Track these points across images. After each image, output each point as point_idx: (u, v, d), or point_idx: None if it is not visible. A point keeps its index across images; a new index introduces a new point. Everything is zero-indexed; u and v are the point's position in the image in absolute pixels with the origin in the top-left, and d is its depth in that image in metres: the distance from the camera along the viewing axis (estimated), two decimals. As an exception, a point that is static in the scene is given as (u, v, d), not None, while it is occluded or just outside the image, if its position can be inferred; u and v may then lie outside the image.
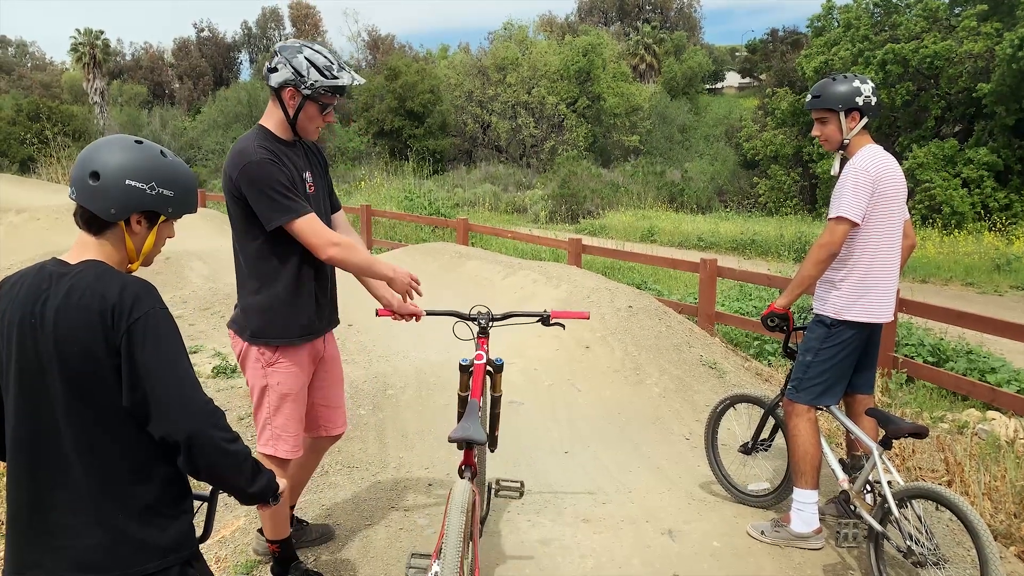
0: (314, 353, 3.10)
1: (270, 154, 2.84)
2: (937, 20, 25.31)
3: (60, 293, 1.75)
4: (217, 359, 6.27)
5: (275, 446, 3.01)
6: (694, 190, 29.79)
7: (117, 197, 1.80)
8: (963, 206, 21.63)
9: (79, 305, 1.73)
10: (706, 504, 4.14)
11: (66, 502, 1.76)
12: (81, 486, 1.76)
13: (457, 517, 2.47)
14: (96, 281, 1.76)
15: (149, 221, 1.87)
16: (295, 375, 3.00)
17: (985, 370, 6.80)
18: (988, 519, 3.89)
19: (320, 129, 3.02)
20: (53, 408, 1.75)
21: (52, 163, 29.18)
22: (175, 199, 1.88)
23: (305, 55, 2.84)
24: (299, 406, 3.05)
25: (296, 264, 2.96)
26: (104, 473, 1.76)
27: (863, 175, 3.40)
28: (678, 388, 5.91)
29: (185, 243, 8.84)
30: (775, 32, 43.70)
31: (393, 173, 28.38)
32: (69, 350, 1.73)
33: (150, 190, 1.82)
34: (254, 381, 3.00)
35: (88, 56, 43.85)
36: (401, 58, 41.06)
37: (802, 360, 3.63)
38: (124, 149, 1.83)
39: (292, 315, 2.97)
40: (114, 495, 1.77)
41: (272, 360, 2.96)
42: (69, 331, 1.72)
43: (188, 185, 1.91)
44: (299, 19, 58.87)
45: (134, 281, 1.80)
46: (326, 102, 2.92)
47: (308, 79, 2.82)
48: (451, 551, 2.39)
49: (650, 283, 11.12)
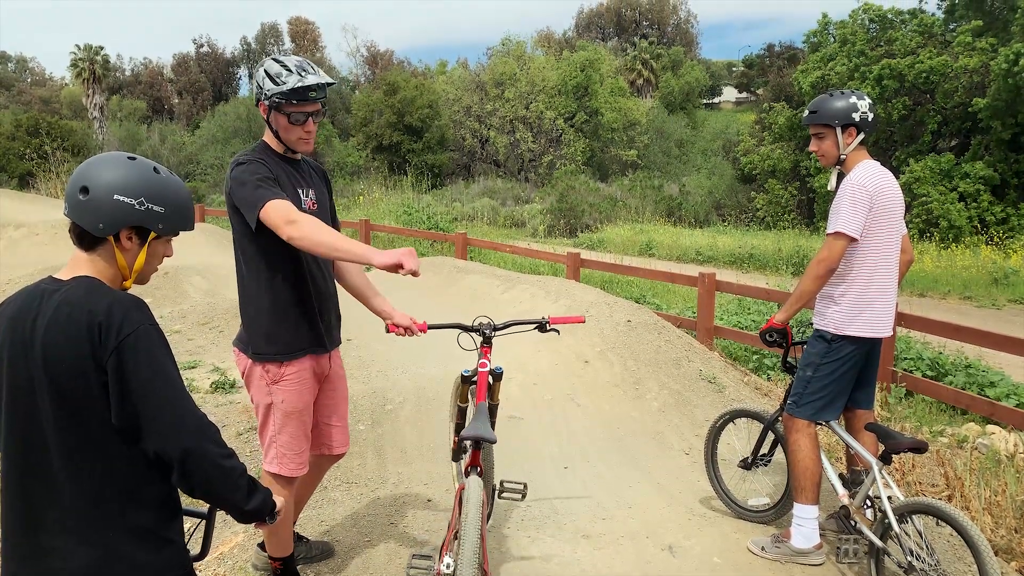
0: (319, 370, 3.08)
1: (258, 159, 2.85)
2: (932, 36, 25.49)
3: (49, 309, 1.74)
4: (216, 374, 6.26)
5: (280, 464, 2.99)
6: (692, 204, 29.87)
7: (105, 212, 1.79)
8: (960, 220, 21.68)
9: (67, 321, 1.71)
10: (706, 519, 4.13)
11: (58, 522, 1.74)
12: (71, 506, 1.74)
13: (474, 511, 2.51)
14: (85, 297, 1.75)
15: (140, 237, 1.85)
16: (300, 393, 2.99)
17: (984, 384, 6.80)
18: (989, 534, 3.88)
19: (307, 140, 2.93)
20: (43, 427, 1.74)
21: (51, 178, 29.18)
22: (165, 215, 1.85)
23: (264, 67, 2.85)
24: (304, 424, 3.03)
25: (297, 279, 2.95)
26: (94, 493, 1.74)
27: (860, 191, 3.41)
28: (677, 403, 5.91)
29: (184, 258, 8.84)
30: (771, 47, 44.06)
31: (392, 187, 28.40)
32: (57, 367, 1.71)
33: (139, 205, 1.80)
34: (259, 399, 2.99)
35: (88, 71, 44.08)
36: (400, 73, 41.27)
37: (802, 375, 3.64)
38: (115, 166, 1.83)
39: (295, 331, 2.95)
40: (104, 515, 1.75)
41: (277, 377, 2.95)
42: (57, 348, 1.71)
43: (180, 202, 1.88)
44: (298, 35, 59.18)
45: (124, 297, 1.78)
46: (290, 110, 2.83)
47: (264, 90, 2.83)
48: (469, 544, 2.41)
49: (649, 297, 11.12)
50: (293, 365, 2.96)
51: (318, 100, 2.86)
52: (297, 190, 2.94)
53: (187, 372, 6.36)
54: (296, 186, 2.95)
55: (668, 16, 61.71)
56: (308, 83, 2.79)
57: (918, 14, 26.58)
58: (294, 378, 2.96)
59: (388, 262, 2.58)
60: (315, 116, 2.90)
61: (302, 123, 2.87)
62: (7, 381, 1.77)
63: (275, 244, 2.83)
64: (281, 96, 2.80)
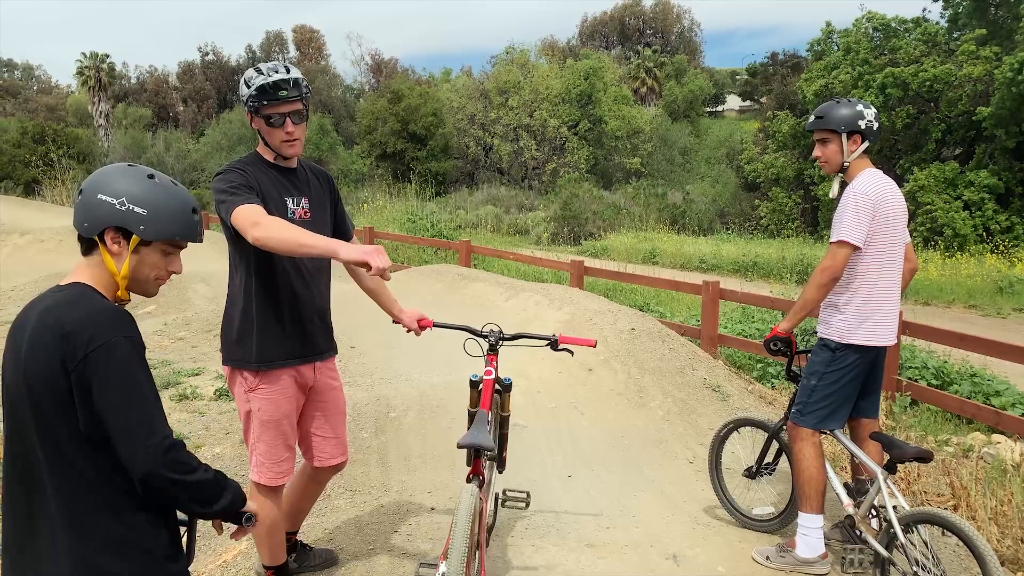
0: (301, 381, 3.04)
1: (237, 168, 2.86)
2: (936, 44, 25.51)
3: (34, 316, 1.75)
4: (220, 381, 6.26)
5: (259, 473, 2.99)
6: (696, 212, 29.85)
7: (89, 210, 1.81)
8: (965, 228, 21.66)
9: (43, 329, 1.72)
10: (711, 528, 4.11)
11: (46, 528, 1.75)
12: (56, 514, 1.74)
13: (463, 519, 2.51)
14: (65, 305, 1.74)
15: (126, 240, 1.84)
16: (276, 402, 2.96)
17: (989, 393, 6.77)
18: (995, 544, 3.86)
19: (291, 144, 2.89)
20: (32, 434, 1.74)
21: (56, 186, 29.29)
22: (147, 218, 1.82)
23: (244, 76, 2.89)
24: (283, 434, 3.00)
25: (271, 287, 2.93)
26: (73, 503, 1.74)
27: (863, 199, 3.41)
28: (682, 411, 5.90)
29: (188, 265, 8.84)
30: (775, 56, 43.99)
31: (396, 195, 28.48)
32: (34, 376, 1.71)
33: (119, 205, 1.80)
34: (240, 406, 3.01)
35: (93, 79, 44.30)
36: (404, 81, 41.39)
37: (806, 384, 3.63)
38: (111, 170, 1.86)
39: (270, 340, 2.92)
40: (82, 525, 1.75)
41: (253, 386, 2.93)
42: (34, 357, 1.71)
43: (168, 207, 1.85)
44: (303, 43, 59.35)
45: (104, 308, 1.76)
46: (266, 112, 2.83)
47: (242, 97, 2.87)
48: (456, 552, 2.41)
49: (652, 305, 11.11)
50: (268, 375, 2.93)
51: (292, 99, 2.82)
52: (285, 198, 2.93)
53: (191, 379, 6.37)
54: (284, 194, 2.94)
55: (672, 24, 61.80)
56: (273, 79, 2.79)
57: (922, 23, 26.62)
58: (269, 388, 2.94)
59: (354, 258, 2.50)
60: (294, 117, 2.86)
61: (280, 124, 2.85)
62: (4, 387, 1.80)
63: (252, 252, 2.84)
64: (254, 99, 2.81)
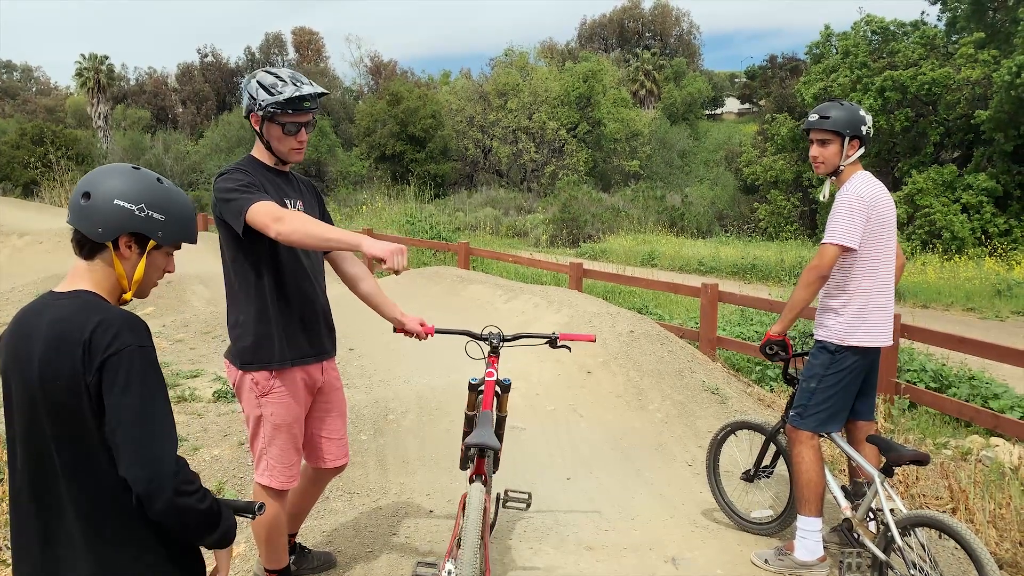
0: (310, 382, 3.05)
1: (240, 169, 2.87)
2: (935, 47, 25.57)
3: (44, 324, 1.74)
4: (218, 383, 6.26)
5: (270, 477, 2.99)
6: (694, 214, 29.89)
7: (105, 216, 1.79)
8: (963, 231, 21.69)
9: (59, 338, 1.71)
10: (709, 531, 4.11)
11: (63, 534, 1.75)
12: (72, 520, 1.74)
13: (475, 515, 2.55)
14: (78, 312, 1.74)
15: (139, 245, 1.85)
16: (289, 405, 2.97)
17: (988, 396, 6.78)
18: (993, 547, 3.86)
19: (299, 151, 2.95)
20: (48, 443, 1.74)
21: (55, 187, 29.30)
22: (165, 224, 1.85)
23: (256, 79, 2.88)
24: (294, 437, 3.01)
25: (283, 289, 2.94)
26: (90, 508, 1.74)
27: (858, 201, 3.42)
28: (680, 413, 5.90)
29: (187, 266, 8.85)
30: (774, 59, 44.10)
31: (395, 197, 28.51)
32: (51, 383, 1.70)
33: (139, 211, 1.81)
34: (249, 411, 2.99)
35: (92, 81, 44.22)
36: (403, 84, 41.40)
37: (806, 387, 3.63)
38: (119, 173, 1.84)
39: (282, 341, 2.93)
40: (99, 530, 1.74)
41: (266, 389, 2.93)
42: (51, 365, 1.70)
43: (181, 212, 1.88)
44: (302, 45, 59.38)
45: (118, 315, 1.75)
46: (284, 120, 2.86)
47: (259, 101, 2.85)
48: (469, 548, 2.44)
49: (651, 308, 11.11)
50: (282, 376, 2.94)
51: (311, 110, 2.91)
52: (284, 200, 2.94)
53: (189, 381, 6.36)
54: (283, 197, 2.95)
55: (671, 27, 61.87)
56: (304, 93, 2.84)
57: (920, 26, 26.69)
58: (283, 390, 2.94)
59: (377, 252, 2.55)
60: (307, 126, 2.93)
61: (295, 133, 2.90)
62: (14, 400, 1.78)
63: (260, 253, 2.85)
64: (276, 106, 2.83)
